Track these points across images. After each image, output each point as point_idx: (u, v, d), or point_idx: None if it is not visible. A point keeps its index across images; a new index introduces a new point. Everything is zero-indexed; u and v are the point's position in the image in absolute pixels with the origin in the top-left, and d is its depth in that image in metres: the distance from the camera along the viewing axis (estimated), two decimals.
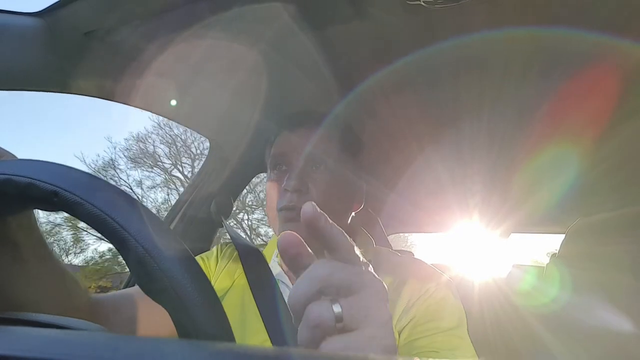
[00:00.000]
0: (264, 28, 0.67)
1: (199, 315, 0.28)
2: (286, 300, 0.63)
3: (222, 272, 0.72)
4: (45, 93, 0.68)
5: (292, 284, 0.67)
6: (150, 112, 0.86)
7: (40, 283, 0.46)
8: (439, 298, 0.61)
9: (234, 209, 1.12)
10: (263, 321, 0.60)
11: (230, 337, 0.29)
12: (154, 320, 0.58)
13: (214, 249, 0.79)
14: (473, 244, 1.57)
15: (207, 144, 1.08)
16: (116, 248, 0.30)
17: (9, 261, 0.42)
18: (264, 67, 0.77)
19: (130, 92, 0.77)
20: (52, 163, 0.34)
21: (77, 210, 0.30)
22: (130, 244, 0.29)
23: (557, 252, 0.86)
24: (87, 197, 0.30)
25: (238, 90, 0.89)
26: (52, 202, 0.31)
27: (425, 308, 0.59)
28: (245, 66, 0.78)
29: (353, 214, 0.73)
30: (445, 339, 0.55)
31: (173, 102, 0.87)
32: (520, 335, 0.84)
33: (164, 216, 1.12)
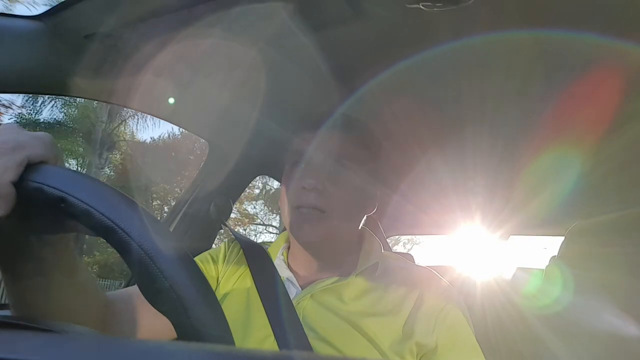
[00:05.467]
0: (263, 29, 0.67)
1: (200, 320, 0.28)
2: (292, 299, 0.64)
3: (229, 269, 0.73)
4: (45, 95, 0.69)
5: (299, 284, 0.68)
6: (150, 114, 0.87)
7: (65, 300, 0.47)
8: (457, 319, 0.63)
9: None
10: (268, 319, 0.60)
11: (229, 340, 0.30)
12: (159, 320, 0.58)
13: (222, 245, 0.79)
14: (473, 245, 1.57)
15: None
16: (119, 252, 0.30)
17: (37, 279, 0.43)
18: (262, 68, 0.78)
19: (130, 94, 0.77)
20: (59, 168, 0.34)
21: (82, 218, 0.30)
22: (134, 250, 0.29)
23: (556, 255, 0.86)
24: (93, 204, 0.30)
25: (237, 92, 0.89)
26: (59, 208, 0.31)
27: (446, 331, 0.62)
28: (244, 67, 0.79)
29: (365, 217, 0.73)
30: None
31: (172, 104, 0.87)
32: (523, 337, 0.84)
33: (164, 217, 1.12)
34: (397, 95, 0.86)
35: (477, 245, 1.56)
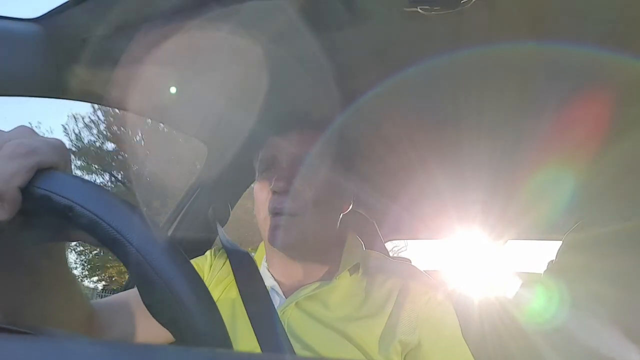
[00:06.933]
0: (262, 31, 0.67)
1: (202, 330, 0.28)
2: (276, 308, 0.63)
3: (215, 277, 0.72)
4: (42, 99, 0.68)
5: (283, 291, 0.67)
6: (148, 117, 0.86)
7: (54, 306, 0.46)
8: (439, 314, 0.63)
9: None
10: (253, 329, 0.59)
11: (227, 344, 0.29)
12: (150, 327, 0.57)
13: (208, 253, 0.79)
14: (469, 250, 1.57)
15: None
16: (124, 264, 0.30)
17: (27, 285, 0.42)
18: (261, 71, 0.77)
19: (128, 97, 0.77)
20: (68, 175, 0.34)
21: (90, 228, 0.30)
22: (140, 264, 0.29)
23: (553, 260, 0.86)
24: (102, 216, 0.30)
25: (236, 96, 0.89)
26: (66, 217, 0.30)
27: (428, 327, 0.61)
28: (243, 71, 0.79)
29: (341, 215, 0.73)
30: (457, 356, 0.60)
31: (170, 107, 0.87)
32: (520, 350, 0.84)
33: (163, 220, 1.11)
34: (393, 100, 0.86)
35: (475, 249, 1.56)
